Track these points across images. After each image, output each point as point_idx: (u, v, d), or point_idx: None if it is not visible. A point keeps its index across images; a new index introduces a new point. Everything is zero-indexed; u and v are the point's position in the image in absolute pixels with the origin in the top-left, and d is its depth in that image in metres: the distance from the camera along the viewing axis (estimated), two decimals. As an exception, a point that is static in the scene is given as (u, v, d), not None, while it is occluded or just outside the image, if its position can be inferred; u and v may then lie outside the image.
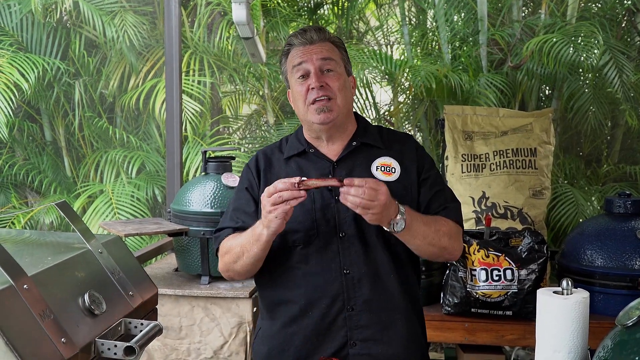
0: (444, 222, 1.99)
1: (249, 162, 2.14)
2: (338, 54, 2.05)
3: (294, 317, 1.99)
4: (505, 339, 2.96)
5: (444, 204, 2.04)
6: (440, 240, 1.95)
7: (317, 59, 2.00)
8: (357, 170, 2.02)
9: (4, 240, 1.94)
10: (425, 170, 2.07)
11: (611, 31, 4.92)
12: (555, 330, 1.60)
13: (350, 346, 1.95)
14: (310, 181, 1.81)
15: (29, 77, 5.56)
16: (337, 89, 2.00)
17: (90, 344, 1.55)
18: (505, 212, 3.43)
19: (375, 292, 1.96)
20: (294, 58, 2.03)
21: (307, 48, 2.02)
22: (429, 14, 5.43)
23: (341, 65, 2.05)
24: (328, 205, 1.99)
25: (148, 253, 3.44)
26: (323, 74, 2.00)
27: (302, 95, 2.01)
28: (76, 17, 5.97)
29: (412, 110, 5.40)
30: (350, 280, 1.95)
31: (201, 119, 5.76)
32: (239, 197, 2.10)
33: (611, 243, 3.00)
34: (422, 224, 1.91)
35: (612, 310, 2.88)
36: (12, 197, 6.00)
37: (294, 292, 1.97)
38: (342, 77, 2.03)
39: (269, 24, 5.36)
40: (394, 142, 2.11)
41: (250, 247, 1.93)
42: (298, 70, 2.01)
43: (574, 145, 5.30)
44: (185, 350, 3.03)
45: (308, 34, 2.04)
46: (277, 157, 2.11)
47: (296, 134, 2.15)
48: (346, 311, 1.95)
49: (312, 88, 1.98)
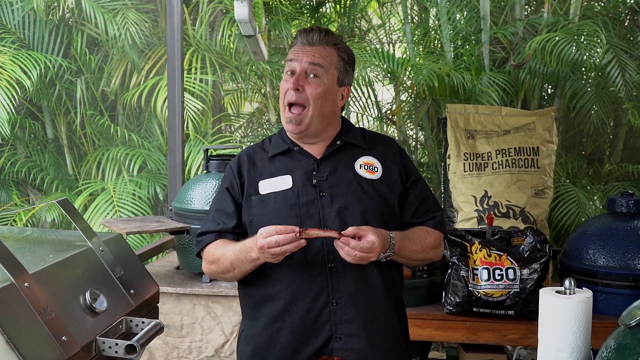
0: (430, 234, 2.10)
1: (231, 162, 2.16)
2: (334, 62, 2.05)
3: (279, 313, 1.99)
4: (507, 339, 2.95)
5: (431, 214, 2.14)
6: (425, 255, 2.09)
7: (306, 61, 2.01)
8: (340, 169, 2.06)
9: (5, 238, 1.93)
10: (411, 177, 2.14)
11: (614, 30, 4.90)
12: (558, 330, 1.59)
13: (335, 340, 1.96)
14: (312, 231, 1.86)
15: (31, 75, 5.55)
16: (313, 97, 2.00)
17: (91, 342, 1.55)
18: (507, 211, 3.42)
19: (359, 285, 1.98)
20: (290, 54, 2.06)
21: (304, 48, 2.04)
22: (432, 12, 5.42)
23: (331, 74, 2.04)
24: (312, 200, 2.01)
25: (149, 251, 3.44)
26: (306, 78, 2.01)
27: (282, 92, 2.04)
28: (78, 15, 5.96)
29: (414, 108, 5.39)
30: (334, 273, 1.97)
31: (203, 117, 5.75)
32: (221, 198, 2.12)
33: (614, 243, 2.99)
34: (409, 245, 2.02)
35: (614, 310, 2.88)
36: (14, 194, 6.00)
37: (279, 287, 1.98)
38: (324, 86, 2.02)
39: (270, 22, 5.35)
40: (377, 143, 2.16)
41: (243, 265, 1.97)
42: (288, 65, 2.04)
43: (576, 144, 5.29)
44: (186, 348, 3.02)
45: (310, 34, 2.04)
46: (260, 156, 2.12)
47: (280, 134, 2.16)
48: (331, 305, 1.97)
49: (289, 88, 2.01)
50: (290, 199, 2.00)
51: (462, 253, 2.97)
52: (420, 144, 5.58)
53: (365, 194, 2.03)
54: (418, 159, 5.51)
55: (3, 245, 1.48)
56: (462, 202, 3.51)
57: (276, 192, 2.02)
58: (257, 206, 2.03)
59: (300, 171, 2.05)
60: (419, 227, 2.11)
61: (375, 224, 1.98)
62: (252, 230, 2.02)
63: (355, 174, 2.05)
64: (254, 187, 2.05)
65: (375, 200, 2.03)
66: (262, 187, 2.05)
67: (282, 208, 1.99)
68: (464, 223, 3.47)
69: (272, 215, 1.99)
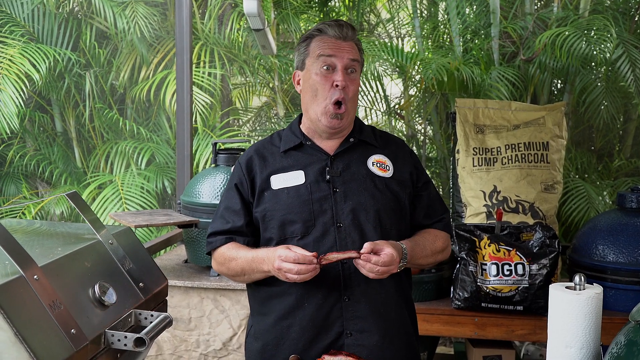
0: (439, 238, 2.13)
1: (240, 158, 2.14)
2: (359, 58, 2.06)
3: (289, 309, 1.99)
4: (515, 334, 2.94)
5: (439, 216, 2.16)
6: (435, 258, 2.12)
7: (347, 58, 2.01)
8: (353, 165, 2.06)
9: (14, 231, 1.94)
10: (422, 178, 2.15)
11: (624, 25, 4.87)
12: (567, 326, 1.58)
13: (346, 336, 1.96)
14: (331, 256, 1.87)
15: (40, 68, 5.57)
16: (353, 93, 2.03)
17: (100, 335, 1.55)
18: (516, 207, 3.41)
19: (371, 281, 1.97)
20: (323, 47, 2.01)
21: (339, 43, 2.02)
22: (441, 7, 5.40)
23: (359, 70, 2.07)
24: (325, 196, 2.00)
25: (158, 244, 3.44)
26: (347, 74, 2.01)
27: (323, 88, 2.00)
28: (87, 8, 5.97)
29: (423, 103, 5.38)
30: (346, 270, 1.96)
31: (211, 110, 5.75)
32: (229, 196, 2.10)
33: (623, 238, 2.98)
34: (419, 252, 2.05)
35: (623, 306, 2.87)
36: (23, 187, 6.03)
37: (289, 283, 1.96)
38: (358, 81, 2.07)
39: (279, 16, 5.34)
40: (388, 143, 2.16)
41: (253, 274, 2.00)
42: (324, 60, 2.00)
43: (585, 139, 5.27)
44: (194, 341, 3.03)
45: (344, 29, 2.03)
46: (270, 150, 2.10)
47: (290, 128, 2.15)
48: (342, 301, 1.96)
49: (336, 85, 1.98)
50: (303, 194, 1.99)
51: (470, 248, 2.96)
52: (429, 139, 5.57)
53: (379, 191, 2.02)
54: (426, 153, 5.50)
55: (12, 238, 1.48)
56: (471, 197, 3.50)
57: (289, 187, 2.01)
58: (270, 201, 2.01)
59: (313, 167, 2.04)
60: (427, 231, 2.11)
61: (388, 222, 1.99)
62: (264, 225, 2.01)
63: (368, 171, 2.05)
64: (267, 183, 2.04)
65: (388, 197, 2.03)
66: (274, 182, 2.03)
67: (295, 203, 1.98)
68: (472, 218, 3.46)
69: (284, 211, 1.98)
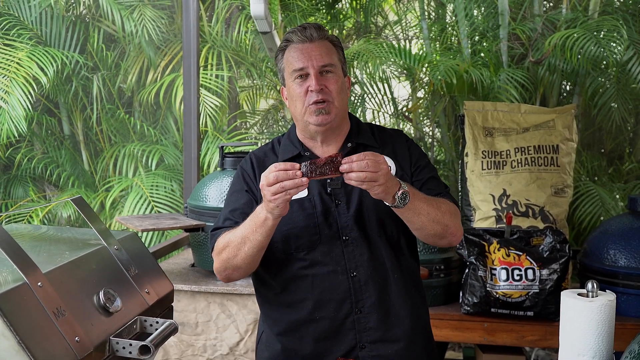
0: (444, 200, 1.96)
1: (242, 164, 2.10)
2: (336, 55, 2.01)
3: (301, 321, 1.96)
4: (525, 340, 2.91)
5: (438, 190, 2.02)
6: (443, 217, 1.90)
7: (318, 65, 1.96)
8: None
9: (21, 236, 1.93)
10: (417, 160, 2.06)
11: (634, 26, 4.83)
12: (579, 334, 1.56)
13: (359, 349, 1.94)
14: (314, 171, 1.76)
15: (47, 71, 5.57)
16: (335, 91, 1.97)
17: (105, 342, 1.53)
18: (526, 211, 3.37)
19: (382, 292, 1.95)
20: (293, 59, 1.98)
21: (306, 46, 1.97)
22: (449, 9, 5.38)
23: (339, 67, 2.01)
24: (329, 209, 1.97)
25: (164, 248, 3.43)
26: (322, 76, 1.96)
27: (300, 96, 1.97)
28: (95, 11, 5.98)
29: (431, 105, 5.35)
30: (357, 282, 1.94)
31: (220, 112, 5.75)
32: (236, 198, 2.05)
33: (635, 242, 2.94)
34: (424, 199, 1.88)
35: (635, 311, 2.84)
36: (31, 190, 6.03)
37: (300, 297, 1.95)
38: (340, 79, 2.00)
39: (287, 19, 5.33)
40: (386, 140, 2.10)
41: (253, 234, 1.87)
42: (294, 73, 1.97)
43: (595, 142, 5.22)
44: (201, 346, 3.01)
45: (307, 31, 1.98)
46: (271, 160, 2.06)
47: (288, 135, 2.11)
48: (354, 314, 1.94)
49: (312, 90, 1.94)
50: (307, 207, 1.96)
51: (479, 252, 2.93)
52: (437, 142, 5.54)
53: None
54: (435, 156, 5.47)
55: (16, 244, 1.47)
56: (480, 201, 3.46)
57: (292, 200, 1.98)
58: None
59: None
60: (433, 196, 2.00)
61: (395, 229, 1.96)
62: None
63: None
64: None
65: None
66: None
67: (300, 217, 1.96)
68: (481, 222, 3.42)
69: (289, 225, 1.94)
